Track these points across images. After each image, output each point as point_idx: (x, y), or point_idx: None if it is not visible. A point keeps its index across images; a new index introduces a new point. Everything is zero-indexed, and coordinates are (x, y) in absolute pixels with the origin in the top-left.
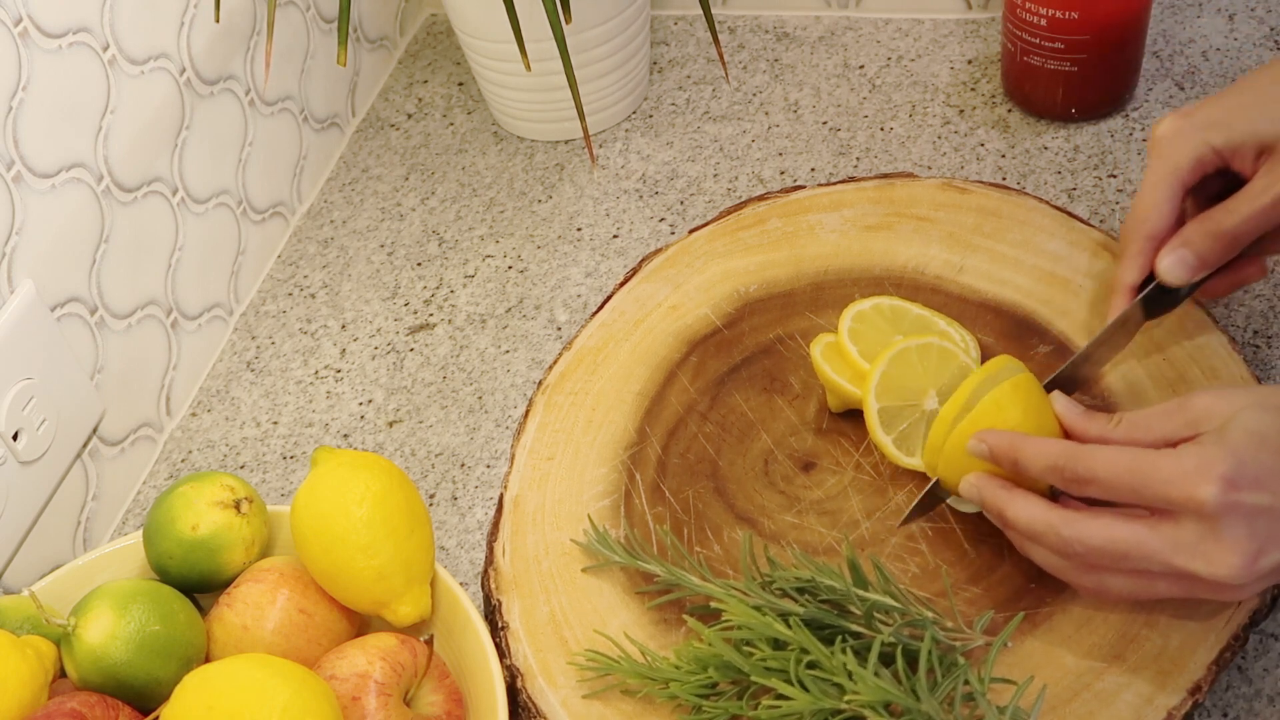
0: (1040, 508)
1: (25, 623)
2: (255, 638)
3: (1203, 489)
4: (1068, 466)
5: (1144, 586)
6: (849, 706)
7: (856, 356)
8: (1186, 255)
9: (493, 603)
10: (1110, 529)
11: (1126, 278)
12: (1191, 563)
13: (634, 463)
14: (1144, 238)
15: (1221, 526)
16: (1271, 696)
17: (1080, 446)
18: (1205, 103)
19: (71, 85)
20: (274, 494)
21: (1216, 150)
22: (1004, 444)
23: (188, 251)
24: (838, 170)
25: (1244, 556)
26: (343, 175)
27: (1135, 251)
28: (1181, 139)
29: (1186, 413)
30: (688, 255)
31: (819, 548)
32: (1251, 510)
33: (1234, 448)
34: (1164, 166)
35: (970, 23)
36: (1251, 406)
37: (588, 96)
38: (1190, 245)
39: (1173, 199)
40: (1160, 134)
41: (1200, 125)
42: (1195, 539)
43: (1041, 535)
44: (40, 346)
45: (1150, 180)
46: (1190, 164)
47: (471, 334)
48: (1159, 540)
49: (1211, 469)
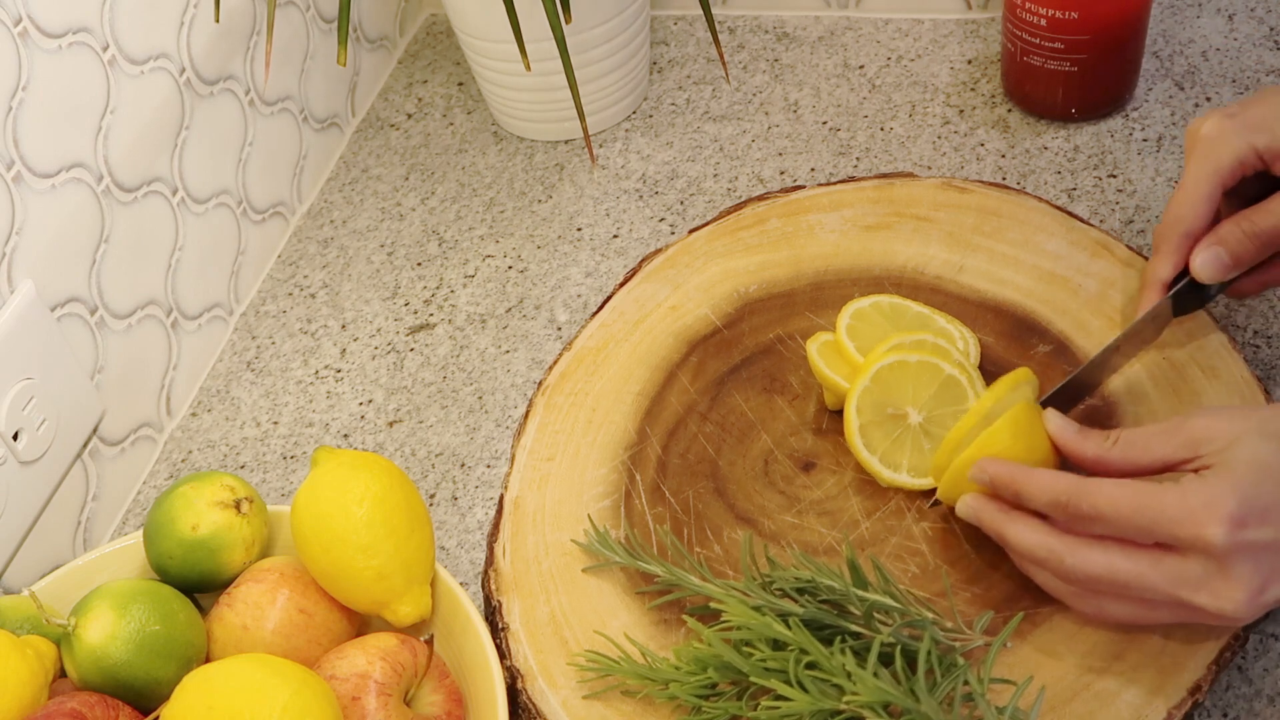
0: (1041, 533)
1: (25, 623)
2: (255, 638)
3: (1210, 530)
4: (1071, 503)
5: (1144, 614)
6: (848, 707)
7: (854, 352)
8: (1221, 253)
9: (493, 604)
10: (1113, 560)
11: (1160, 273)
12: (1196, 596)
13: (634, 463)
14: (1180, 235)
15: (1229, 565)
16: (1271, 696)
17: (1083, 482)
18: (1248, 103)
19: (71, 85)
20: (274, 494)
21: (1259, 153)
22: (1005, 475)
23: (188, 251)
24: (838, 170)
25: (1249, 592)
26: (343, 175)
27: (1171, 248)
28: (1225, 139)
29: (1185, 433)
30: (688, 255)
31: (819, 548)
32: (1257, 547)
33: (1238, 483)
34: (1206, 165)
35: (970, 23)
36: (1251, 434)
37: (588, 96)
38: (1225, 244)
39: (1211, 198)
40: (1204, 133)
41: (1245, 127)
42: (1201, 575)
43: (1044, 561)
44: (40, 346)
45: (1191, 178)
46: (1232, 164)
47: (471, 334)
48: (1162, 574)
49: (1218, 508)
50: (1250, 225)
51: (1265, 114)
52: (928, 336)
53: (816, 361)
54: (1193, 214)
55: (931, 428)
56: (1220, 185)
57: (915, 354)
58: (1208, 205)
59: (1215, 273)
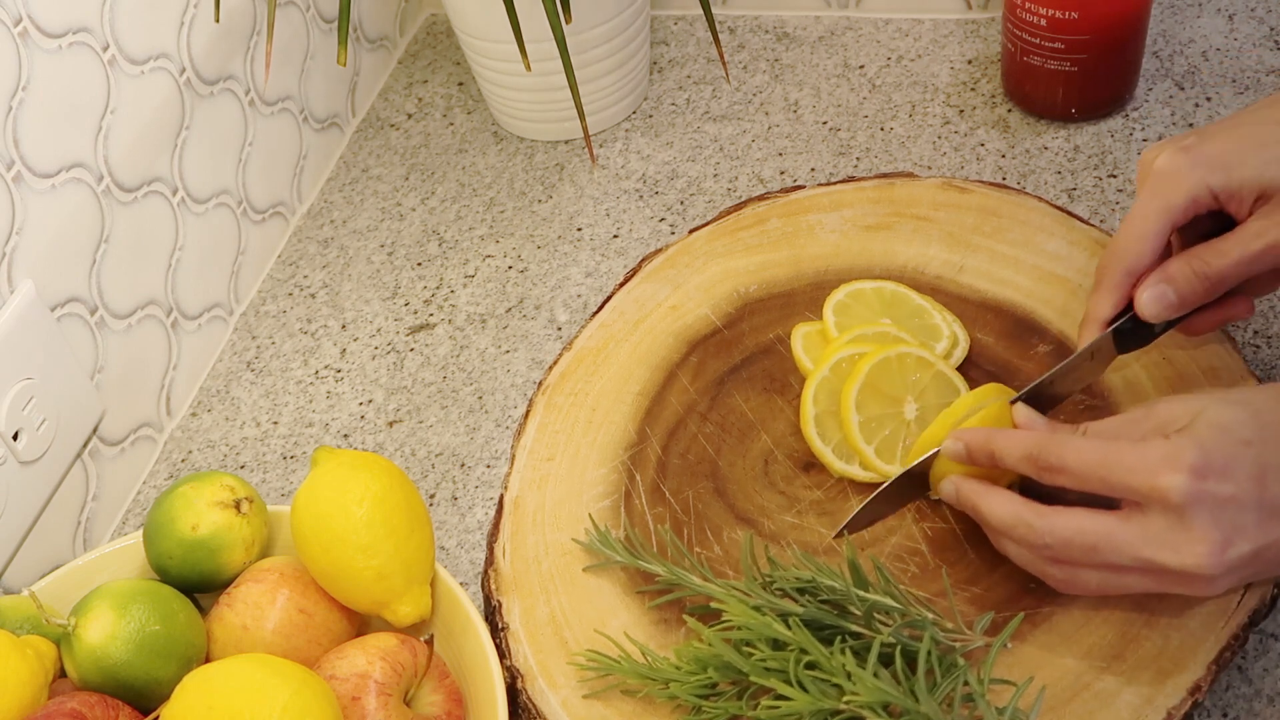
0: (1013, 503)
1: (25, 623)
2: (255, 638)
3: (1169, 478)
4: (1040, 455)
5: (1114, 580)
6: (848, 707)
7: (832, 328)
8: (1168, 292)
9: (493, 604)
10: (1079, 520)
11: (1099, 311)
12: (1160, 554)
13: (634, 463)
14: (1123, 272)
15: (1188, 516)
16: (1271, 696)
17: (1052, 436)
18: (1204, 136)
19: (71, 85)
20: (274, 494)
21: (1214, 192)
22: (979, 438)
23: (188, 251)
24: (838, 170)
25: (1211, 546)
26: (343, 175)
27: (1112, 285)
28: (1179, 176)
29: (1153, 419)
30: (688, 255)
31: (819, 548)
32: (1218, 500)
33: (1199, 439)
34: (1156, 203)
35: (970, 23)
36: (1215, 403)
37: (588, 96)
38: (1173, 283)
39: (1159, 236)
40: (1158, 167)
41: (1199, 163)
42: (1163, 530)
43: (1013, 528)
44: (40, 346)
45: (1139, 213)
46: (1185, 203)
47: (471, 334)
48: (1127, 532)
49: (1179, 459)
50: (1201, 265)
51: (1222, 150)
52: (891, 329)
53: (797, 348)
54: (1137, 250)
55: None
56: (1170, 224)
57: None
58: (1154, 243)
59: (1160, 311)
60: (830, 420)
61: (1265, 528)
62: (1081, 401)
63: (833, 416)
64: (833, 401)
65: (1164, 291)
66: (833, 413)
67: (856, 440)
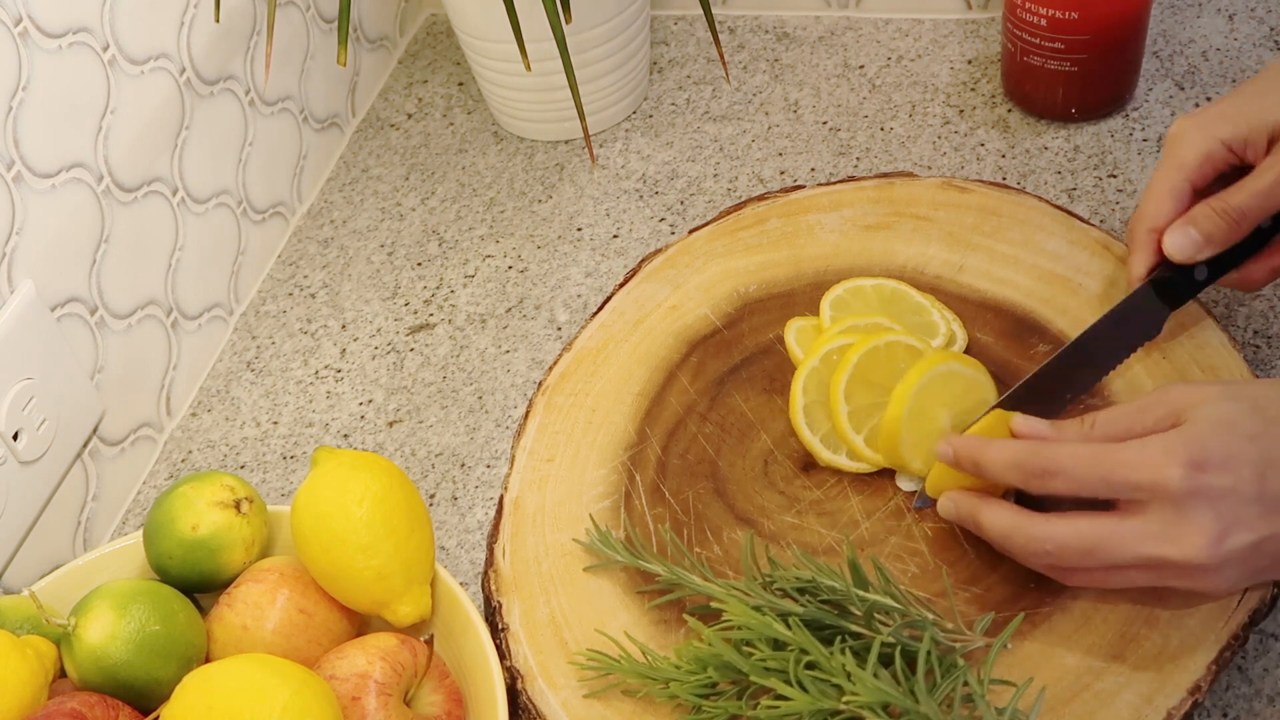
0: (1010, 512)
1: (25, 623)
2: (255, 638)
3: (1167, 471)
4: (1029, 461)
5: (1118, 577)
6: (848, 707)
7: (827, 320)
8: (1191, 231)
9: (493, 604)
10: (1077, 524)
11: (1135, 270)
12: (1160, 548)
13: (634, 463)
14: (1147, 230)
15: (1187, 508)
16: (1271, 696)
17: (1041, 442)
18: (1214, 102)
19: (71, 85)
20: (274, 494)
21: (1226, 143)
22: (966, 446)
23: (188, 251)
24: (838, 170)
25: (1209, 537)
26: (343, 175)
27: (1140, 244)
28: (1189, 136)
29: (1167, 404)
30: (687, 255)
31: (819, 548)
32: (1216, 492)
33: (1198, 433)
34: (1171, 163)
35: (970, 23)
36: (1216, 398)
37: (588, 96)
38: (1195, 222)
39: (1177, 193)
40: (1170, 134)
41: (1208, 121)
42: (1161, 525)
43: (1009, 538)
44: (40, 346)
45: (1157, 176)
46: (1198, 159)
47: (471, 334)
48: (1126, 530)
49: (1176, 454)
50: (1220, 203)
51: (1228, 107)
52: (884, 320)
53: (790, 340)
54: (1157, 209)
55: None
56: (1187, 181)
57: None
58: (1171, 200)
59: (1187, 250)
60: (819, 410)
61: (1267, 520)
62: (1082, 402)
63: (822, 407)
64: (822, 392)
65: (1187, 231)
66: (822, 403)
67: (845, 430)
